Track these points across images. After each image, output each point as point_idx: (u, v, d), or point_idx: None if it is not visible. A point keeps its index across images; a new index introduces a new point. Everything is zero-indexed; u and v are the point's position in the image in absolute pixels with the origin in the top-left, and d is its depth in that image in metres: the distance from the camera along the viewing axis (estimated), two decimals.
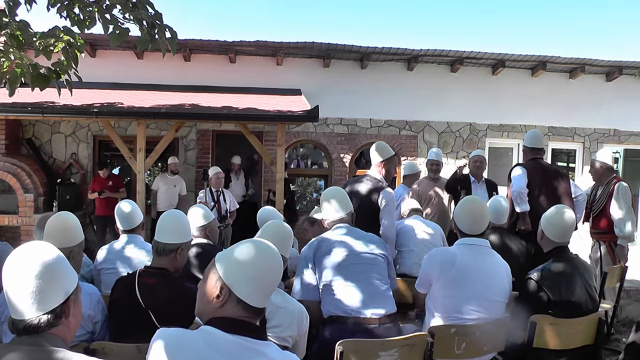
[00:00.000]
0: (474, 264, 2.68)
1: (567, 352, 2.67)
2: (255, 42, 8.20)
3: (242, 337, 1.37)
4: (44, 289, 1.34)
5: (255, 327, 1.43)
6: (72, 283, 1.42)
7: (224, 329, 1.37)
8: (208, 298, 1.43)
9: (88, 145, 8.68)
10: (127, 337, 2.21)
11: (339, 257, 2.77)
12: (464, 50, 8.41)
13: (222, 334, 1.36)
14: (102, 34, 3.87)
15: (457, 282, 2.64)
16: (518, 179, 4.40)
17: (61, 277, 1.39)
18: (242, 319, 1.40)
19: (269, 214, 3.53)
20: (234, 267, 1.42)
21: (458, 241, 2.82)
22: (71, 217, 2.51)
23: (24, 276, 1.33)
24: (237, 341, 1.36)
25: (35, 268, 1.34)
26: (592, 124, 9.33)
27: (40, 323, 1.33)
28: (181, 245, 2.46)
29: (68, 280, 1.41)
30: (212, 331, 1.37)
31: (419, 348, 2.37)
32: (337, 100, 8.84)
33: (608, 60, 8.60)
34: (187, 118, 7.32)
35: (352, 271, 2.73)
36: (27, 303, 1.33)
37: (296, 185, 9.59)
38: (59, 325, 1.37)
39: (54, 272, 1.37)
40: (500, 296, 2.72)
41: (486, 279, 2.67)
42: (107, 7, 3.73)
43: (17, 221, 7.61)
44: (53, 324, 1.35)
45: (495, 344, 2.65)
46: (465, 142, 9.20)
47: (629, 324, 4.88)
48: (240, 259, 1.44)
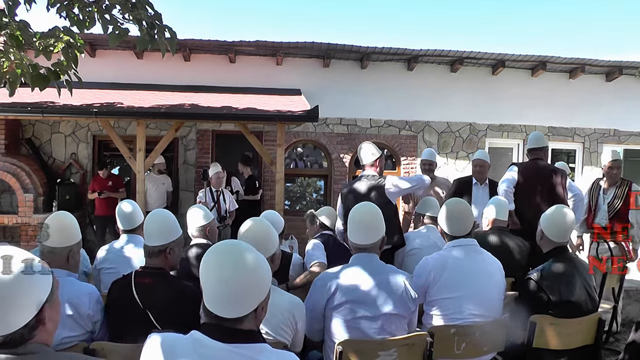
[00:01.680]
0: (467, 264, 2.69)
1: (567, 352, 2.68)
2: (255, 42, 8.20)
3: (233, 344, 1.34)
4: (8, 309, 1.22)
5: (242, 332, 1.37)
6: (44, 291, 1.29)
7: (212, 336, 1.34)
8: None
9: (88, 145, 8.67)
10: (126, 337, 2.22)
11: (347, 316, 2.38)
12: (463, 50, 8.40)
13: (213, 343, 1.33)
14: (102, 33, 3.88)
15: (453, 284, 2.64)
16: (506, 178, 4.48)
17: (27, 291, 1.25)
18: (225, 325, 1.36)
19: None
20: (202, 274, 1.40)
21: (446, 245, 2.84)
22: (69, 216, 2.52)
23: None
24: (228, 349, 1.33)
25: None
26: (592, 124, 9.32)
27: (12, 340, 1.23)
28: (168, 245, 2.43)
29: (37, 290, 1.28)
30: (202, 339, 1.34)
31: (418, 348, 2.36)
32: (337, 100, 8.84)
33: (608, 61, 8.60)
34: (186, 118, 7.31)
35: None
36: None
37: (296, 185, 9.60)
38: (36, 336, 1.27)
39: (17, 288, 1.23)
40: (498, 293, 2.74)
41: (481, 277, 2.69)
42: (106, 7, 3.73)
43: (16, 221, 7.62)
44: (28, 338, 1.25)
45: (495, 344, 2.65)
46: (465, 142, 9.20)
47: (628, 324, 4.89)
48: (205, 264, 1.41)
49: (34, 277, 1.28)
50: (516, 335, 2.66)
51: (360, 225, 2.47)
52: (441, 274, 2.66)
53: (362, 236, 2.45)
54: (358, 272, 2.41)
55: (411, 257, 3.91)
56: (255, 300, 1.39)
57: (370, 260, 2.45)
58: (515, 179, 4.41)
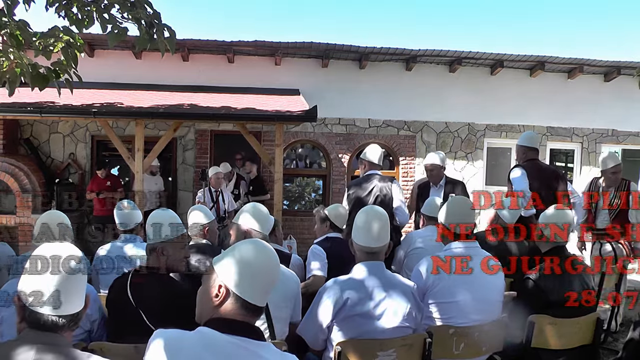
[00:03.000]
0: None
1: (566, 352, 2.68)
2: (253, 42, 8.19)
3: (240, 337, 1.37)
4: (72, 292, 1.39)
5: (253, 328, 1.43)
6: (86, 293, 1.47)
7: (221, 329, 1.37)
8: (206, 298, 1.44)
9: (86, 145, 8.67)
10: (124, 337, 2.21)
11: (356, 329, 2.31)
12: (462, 51, 8.41)
13: (219, 335, 1.36)
14: (100, 33, 3.86)
15: (452, 288, 2.60)
16: (519, 181, 4.27)
17: (84, 285, 1.44)
18: (240, 319, 1.40)
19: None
20: (232, 266, 1.44)
21: (445, 247, 2.79)
22: (60, 214, 2.54)
23: (58, 274, 1.37)
24: (234, 342, 1.36)
25: (71, 268, 1.39)
26: (590, 124, 9.33)
27: (60, 323, 1.36)
28: (161, 245, 2.43)
29: (85, 289, 1.47)
30: (209, 333, 1.37)
31: (417, 348, 2.36)
32: (335, 100, 8.83)
33: (606, 61, 8.61)
34: (185, 118, 7.31)
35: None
36: (57, 301, 1.36)
37: (294, 185, 9.60)
38: (71, 330, 1.42)
39: (83, 278, 1.43)
40: (498, 294, 2.72)
41: (482, 279, 2.65)
42: (105, 6, 3.72)
43: (14, 221, 7.60)
44: (69, 327, 1.39)
45: (493, 344, 2.65)
46: (463, 142, 9.20)
47: (627, 324, 4.89)
48: (239, 257, 1.45)
49: (84, 275, 1.47)
50: (515, 335, 2.66)
51: (369, 228, 2.39)
52: (441, 277, 2.62)
53: (371, 240, 2.38)
54: (369, 284, 2.34)
55: (413, 257, 3.90)
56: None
57: (380, 270, 2.39)
58: (528, 182, 4.26)
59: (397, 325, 2.32)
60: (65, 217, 2.57)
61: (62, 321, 1.36)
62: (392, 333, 2.31)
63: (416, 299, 2.41)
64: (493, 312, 2.66)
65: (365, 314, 2.30)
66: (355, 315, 2.29)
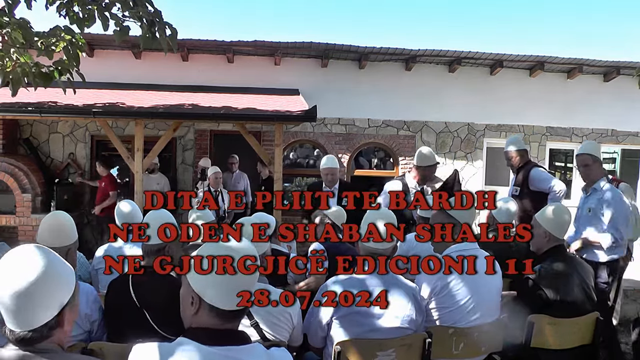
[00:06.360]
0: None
1: (565, 352, 2.68)
2: (253, 42, 8.19)
3: (219, 347, 1.33)
4: (33, 307, 1.28)
5: (234, 334, 1.39)
6: (66, 293, 1.35)
7: (201, 341, 1.33)
8: (185, 305, 1.41)
9: (86, 145, 8.66)
10: (124, 338, 2.21)
11: (356, 328, 2.33)
12: (461, 51, 8.41)
13: (200, 347, 1.32)
14: (100, 33, 3.87)
15: (455, 292, 2.56)
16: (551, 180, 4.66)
17: (51, 292, 1.31)
18: (218, 327, 1.36)
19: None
20: (198, 274, 1.37)
21: (446, 250, 2.71)
22: (66, 215, 2.52)
23: (11, 292, 1.26)
24: (214, 352, 1.32)
25: (23, 285, 1.26)
26: (589, 124, 9.34)
27: (32, 337, 1.29)
28: (162, 245, 2.42)
29: (61, 292, 1.34)
30: (188, 346, 1.32)
31: (416, 348, 2.36)
32: (335, 100, 8.83)
33: (606, 61, 8.61)
34: (185, 118, 7.30)
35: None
36: (17, 318, 1.28)
37: (294, 185, 9.59)
38: (53, 336, 1.33)
39: (44, 288, 1.29)
40: (497, 294, 2.71)
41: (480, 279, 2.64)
42: (106, 5, 3.72)
43: (14, 221, 7.60)
44: (46, 336, 1.31)
45: (493, 344, 2.65)
46: (463, 143, 9.21)
47: (626, 324, 4.89)
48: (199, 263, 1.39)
49: (59, 278, 1.34)
50: (514, 334, 2.66)
51: (375, 230, 2.36)
52: (446, 284, 2.56)
53: (381, 242, 2.36)
54: (371, 283, 2.34)
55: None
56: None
57: (382, 269, 2.37)
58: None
59: (397, 325, 2.32)
60: (69, 219, 2.54)
61: (32, 335, 1.28)
62: (392, 333, 2.31)
63: (418, 302, 2.41)
64: (492, 312, 2.66)
65: (365, 312, 2.30)
66: (355, 313, 2.29)
